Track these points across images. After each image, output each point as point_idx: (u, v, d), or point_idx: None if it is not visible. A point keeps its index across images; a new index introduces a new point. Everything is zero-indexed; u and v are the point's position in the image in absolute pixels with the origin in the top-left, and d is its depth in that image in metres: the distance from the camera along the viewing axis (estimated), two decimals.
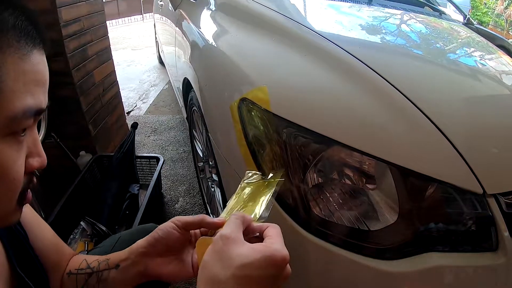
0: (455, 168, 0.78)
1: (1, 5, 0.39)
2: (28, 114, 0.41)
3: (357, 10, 1.59)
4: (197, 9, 1.82)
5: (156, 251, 0.63)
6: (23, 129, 0.42)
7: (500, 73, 1.23)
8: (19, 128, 0.41)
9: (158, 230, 0.63)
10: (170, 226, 0.62)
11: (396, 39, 1.36)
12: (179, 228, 0.62)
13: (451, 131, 0.81)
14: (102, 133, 2.25)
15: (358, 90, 0.89)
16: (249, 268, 0.44)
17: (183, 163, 2.51)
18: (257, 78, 0.99)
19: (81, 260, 0.72)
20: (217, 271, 0.44)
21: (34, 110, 0.41)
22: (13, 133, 0.40)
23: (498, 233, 0.78)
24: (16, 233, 0.61)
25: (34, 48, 0.42)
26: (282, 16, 1.28)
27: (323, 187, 0.83)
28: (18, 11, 0.40)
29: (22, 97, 0.40)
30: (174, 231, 0.62)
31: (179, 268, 0.63)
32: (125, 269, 0.66)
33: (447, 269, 0.76)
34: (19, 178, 0.43)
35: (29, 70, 0.41)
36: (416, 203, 0.78)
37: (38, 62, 0.42)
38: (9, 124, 0.39)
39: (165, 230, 0.62)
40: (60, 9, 1.81)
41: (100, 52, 2.30)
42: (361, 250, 0.78)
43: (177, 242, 0.62)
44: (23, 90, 0.40)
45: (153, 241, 0.63)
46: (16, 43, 0.39)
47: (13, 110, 0.39)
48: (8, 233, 0.59)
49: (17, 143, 0.42)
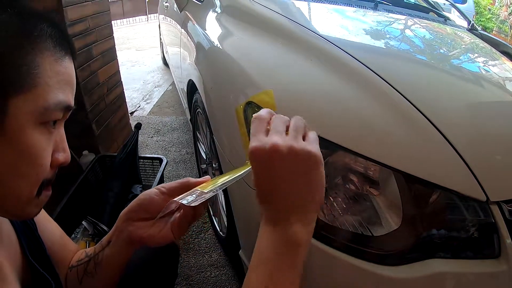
0: (458, 175, 0.78)
1: (40, 19, 0.48)
2: (59, 107, 0.48)
3: (362, 15, 1.59)
4: (203, 11, 1.83)
5: (138, 216, 0.65)
6: (54, 121, 0.49)
7: (504, 79, 1.23)
8: (50, 118, 0.47)
9: (140, 196, 0.66)
10: (153, 193, 0.65)
11: (401, 44, 1.37)
12: (162, 194, 0.64)
13: (455, 138, 0.81)
14: (105, 133, 2.25)
15: (364, 96, 0.90)
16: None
17: (186, 165, 2.52)
18: (263, 81, 0.99)
19: (81, 253, 0.74)
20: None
21: (64, 105, 0.49)
22: (45, 123, 0.47)
23: (501, 240, 0.78)
24: (28, 224, 0.64)
25: (66, 56, 0.50)
26: (287, 19, 1.28)
27: (327, 192, 0.83)
28: (53, 25, 0.49)
29: (55, 92, 0.47)
30: (155, 197, 0.64)
31: (159, 231, 0.64)
32: (114, 242, 0.68)
33: (449, 276, 0.77)
34: (46, 165, 0.49)
35: (61, 71, 0.49)
36: (419, 209, 0.78)
37: (68, 67, 0.50)
38: (43, 113, 0.46)
39: (148, 196, 0.65)
40: (66, 9, 1.82)
41: (105, 52, 2.31)
42: (364, 255, 0.78)
43: (159, 207, 0.64)
44: (56, 86, 0.47)
45: (135, 207, 0.65)
46: (53, 48, 0.48)
47: (47, 101, 0.46)
48: (21, 223, 0.63)
49: (48, 133, 0.48)
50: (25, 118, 0.44)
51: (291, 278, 0.46)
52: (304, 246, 0.47)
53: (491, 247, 0.79)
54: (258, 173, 0.49)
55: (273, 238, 0.47)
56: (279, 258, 0.46)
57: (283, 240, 0.47)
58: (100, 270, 0.70)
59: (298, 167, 0.48)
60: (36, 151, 0.47)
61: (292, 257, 0.47)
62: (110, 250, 0.69)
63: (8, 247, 0.57)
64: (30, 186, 0.48)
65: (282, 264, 0.46)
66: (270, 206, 0.49)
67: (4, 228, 0.58)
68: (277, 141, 0.47)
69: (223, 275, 1.59)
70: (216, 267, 1.64)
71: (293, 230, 0.47)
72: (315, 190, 0.49)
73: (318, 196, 0.49)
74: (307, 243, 0.48)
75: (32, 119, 0.45)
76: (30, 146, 0.46)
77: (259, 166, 0.49)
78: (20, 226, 0.62)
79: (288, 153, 0.47)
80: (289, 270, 0.46)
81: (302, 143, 0.49)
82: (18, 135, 0.44)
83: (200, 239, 1.82)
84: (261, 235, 0.49)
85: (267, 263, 0.47)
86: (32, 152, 0.46)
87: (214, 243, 1.78)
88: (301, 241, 0.47)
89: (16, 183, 0.47)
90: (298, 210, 0.48)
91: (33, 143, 0.46)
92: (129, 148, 1.91)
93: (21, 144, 0.45)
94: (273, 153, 0.47)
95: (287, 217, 0.48)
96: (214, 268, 1.63)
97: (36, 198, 0.50)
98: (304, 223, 0.48)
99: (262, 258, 0.47)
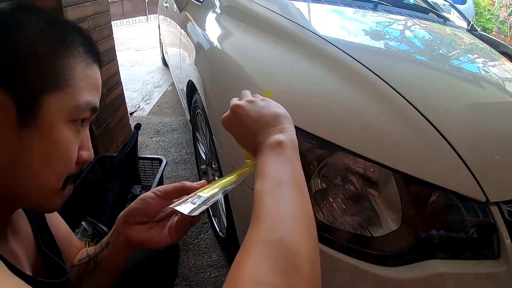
0: (458, 176, 0.79)
1: (73, 29, 0.54)
2: (87, 107, 0.53)
3: (362, 15, 1.59)
4: (203, 12, 1.83)
5: (135, 219, 0.67)
6: (82, 120, 0.54)
7: (503, 80, 1.23)
8: (79, 117, 0.52)
9: (138, 199, 0.68)
10: (149, 196, 0.67)
11: (400, 45, 1.37)
12: (158, 197, 0.67)
13: (454, 138, 0.81)
14: (105, 133, 2.25)
15: (363, 96, 0.90)
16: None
17: (186, 165, 2.52)
18: (262, 82, 0.99)
19: (83, 252, 0.77)
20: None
21: (91, 106, 0.54)
22: (74, 121, 0.52)
23: (500, 240, 0.78)
24: (41, 216, 0.68)
25: (95, 63, 0.56)
26: (287, 20, 1.28)
27: (327, 192, 0.83)
28: (84, 35, 0.56)
29: (84, 93, 0.52)
30: (152, 201, 0.67)
31: (157, 234, 0.66)
32: (112, 244, 0.70)
33: (448, 276, 0.77)
34: (73, 159, 0.53)
35: (91, 76, 0.54)
36: (419, 210, 0.78)
37: (96, 73, 0.56)
38: (73, 111, 0.51)
39: (144, 200, 0.67)
40: (66, 9, 1.82)
41: (105, 52, 2.31)
42: (363, 256, 0.78)
43: (155, 211, 0.67)
44: (86, 89, 0.53)
45: (132, 211, 0.67)
46: (84, 54, 0.54)
47: (78, 101, 0.51)
48: (36, 216, 0.66)
49: (76, 130, 0.53)
50: (57, 114, 0.49)
51: (288, 171, 0.51)
52: (285, 143, 0.54)
53: (491, 247, 0.79)
54: (230, 131, 0.64)
55: (261, 155, 0.54)
56: (272, 159, 0.52)
57: (268, 148, 0.54)
58: (99, 271, 0.71)
59: (245, 111, 0.60)
60: (65, 145, 0.51)
61: (281, 154, 0.53)
62: (108, 251, 0.71)
63: (24, 239, 0.61)
64: (57, 179, 0.52)
65: (277, 162, 0.52)
66: (250, 143, 0.60)
67: (21, 221, 0.62)
68: (232, 102, 0.62)
69: (223, 276, 1.59)
70: (216, 267, 1.64)
71: (272, 138, 0.55)
72: (266, 115, 0.59)
73: (273, 114, 0.59)
74: (288, 142, 0.54)
75: (63, 116, 0.50)
76: (60, 140, 0.50)
77: (229, 128, 0.63)
78: (34, 218, 0.65)
79: (230, 112, 0.62)
80: (285, 165, 0.51)
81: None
82: (51, 129, 0.49)
83: (199, 239, 1.82)
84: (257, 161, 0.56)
85: (267, 170, 0.51)
86: (62, 146, 0.51)
87: (213, 244, 1.78)
88: (282, 140, 0.54)
89: (45, 175, 0.51)
90: (267, 129, 0.57)
91: (63, 138, 0.51)
92: (129, 148, 1.91)
93: (52, 137, 0.49)
94: (231, 111, 0.61)
95: (264, 137, 0.56)
96: (214, 269, 1.63)
97: (61, 191, 0.54)
98: (277, 133, 0.56)
99: (263, 171, 0.52)
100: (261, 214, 0.44)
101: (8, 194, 0.50)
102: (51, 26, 0.51)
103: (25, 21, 0.49)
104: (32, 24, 0.49)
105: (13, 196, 0.51)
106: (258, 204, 0.46)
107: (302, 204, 0.47)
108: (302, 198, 0.48)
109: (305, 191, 0.50)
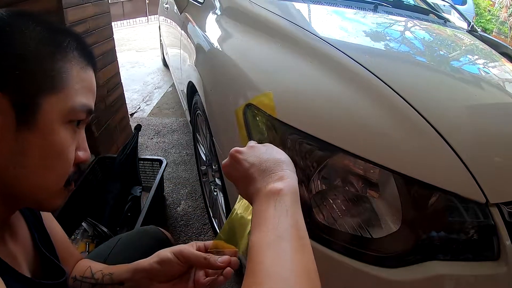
0: (458, 177, 0.79)
1: (68, 33, 0.56)
2: (83, 109, 0.55)
3: (362, 16, 1.59)
4: (203, 13, 1.83)
5: (158, 279, 0.70)
6: (78, 122, 0.55)
7: (504, 81, 1.23)
8: (75, 117, 0.54)
9: (163, 257, 0.69)
10: (175, 261, 0.68)
11: (400, 46, 1.37)
12: (183, 263, 0.68)
13: (454, 140, 0.81)
14: (105, 134, 2.25)
15: (363, 98, 0.90)
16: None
17: (186, 166, 2.52)
18: (262, 84, 0.99)
19: (86, 267, 0.77)
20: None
21: (87, 108, 0.56)
22: (71, 122, 0.54)
23: (500, 242, 0.78)
24: (37, 215, 0.69)
25: (89, 65, 0.58)
26: (287, 21, 1.28)
27: (327, 194, 0.84)
28: (78, 40, 0.57)
29: (79, 95, 0.54)
30: (176, 265, 0.69)
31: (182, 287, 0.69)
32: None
33: (448, 278, 0.77)
34: (71, 160, 0.55)
35: (86, 78, 0.56)
36: (419, 212, 0.78)
37: (91, 75, 0.58)
38: (70, 112, 0.53)
39: (168, 264, 0.69)
40: (66, 10, 1.81)
41: (105, 53, 2.31)
42: (363, 257, 0.79)
43: (179, 272, 0.69)
44: (81, 91, 0.55)
45: (156, 269, 0.69)
46: (79, 58, 0.56)
47: (74, 102, 0.53)
48: (32, 217, 0.67)
49: (73, 131, 0.55)
50: (54, 114, 0.51)
51: (288, 222, 0.48)
52: (285, 191, 0.52)
53: (491, 249, 0.79)
54: (230, 177, 0.63)
55: (259, 203, 0.53)
56: (270, 208, 0.50)
57: (266, 196, 0.52)
58: None
59: (245, 155, 0.60)
60: (63, 145, 0.53)
61: (280, 202, 0.51)
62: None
63: (21, 239, 0.61)
64: (58, 179, 0.54)
65: (275, 211, 0.50)
66: (248, 190, 0.57)
67: (18, 221, 0.63)
68: (232, 150, 0.62)
69: None
70: None
71: (271, 185, 0.53)
72: (265, 161, 0.58)
73: (272, 161, 0.58)
74: (288, 189, 0.52)
75: (60, 117, 0.52)
76: (58, 140, 0.52)
77: (228, 175, 0.63)
78: (31, 218, 0.66)
79: (230, 157, 0.61)
80: (284, 215, 0.49)
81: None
82: (49, 129, 0.51)
83: (199, 241, 1.81)
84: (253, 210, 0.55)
85: (264, 220, 0.49)
86: (59, 146, 0.52)
87: None
88: (281, 187, 0.52)
89: (45, 174, 0.52)
90: (266, 175, 0.56)
91: (60, 138, 0.52)
92: (129, 149, 1.91)
93: (50, 138, 0.51)
94: (230, 156, 0.61)
95: (262, 184, 0.55)
96: None
97: (62, 191, 0.56)
98: (276, 180, 0.54)
99: (259, 221, 0.50)
100: (257, 270, 0.42)
101: (10, 193, 0.52)
102: (48, 31, 0.53)
103: (22, 26, 0.51)
104: (29, 29, 0.51)
105: (15, 195, 0.52)
106: (254, 259, 0.44)
107: (303, 259, 0.44)
108: (302, 252, 0.45)
109: (306, 243, 0.47)
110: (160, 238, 0.97)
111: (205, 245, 0.73)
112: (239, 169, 0.59)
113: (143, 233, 0.98)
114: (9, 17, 0.51)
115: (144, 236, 0.97)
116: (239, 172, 0.59)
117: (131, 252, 0.89)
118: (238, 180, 0.60)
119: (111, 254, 0.89)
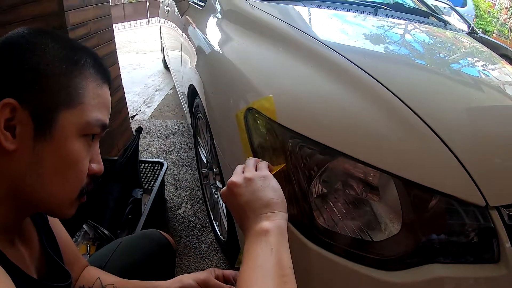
0: (458, 180, 0.79)
1: (85, 52, 0.59)
2: (97, 124, 0.57)
3: (362, 20, 1.60)
4: (204, 16, 1.84)
5: None
6: (92, 136, 0.58)
7: (503, 83, 1.23)
8: (90, 132, 0.57)
9: (183, 287, 0.79)
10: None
11: (400, 49, 1.37)
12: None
13: (454, 143, 0.82)
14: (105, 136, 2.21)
15: (363, 101, 0.90)
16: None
17: (187, 169, 2.52)
18: (263, 87, 1.00)
19: (95, 277, 0.79)
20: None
21: (101, 123, 0.58)
22: (85, 136, 0.56)
23: (500, 245, 0.78)
24: (44, 217, 0.71)
25: (105, 83, 0.61)
26: (288, 25, 1.29)
27: (327, 197, 0.84)
28: (95, 58, 0.60)
29: (95, 110, 0.57)
30: None
31: None
32: None
33: (448, 280, 0.77)
34: (84, 171, 0.57)
35: (101, 95, 0.59)
36: (419, 215, 0.78)
37: (106, 92, 0.61)
38: (85, 127, 0.55)
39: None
40: (68, 13, 1.82)
41: (106, 56, 2.31)
42: (364, 260, 0.79)
43: None
44: (96, 107, 0.57)
45: None
46: (95, 75, 0.59)
47: (89, 117, 0.56)
48: (40, 220, 0.69)
49: (87, 145, 0.57)
50: (70, 128, 0.54)
51: (272, 260, 0.54)
52: (271, 232, 0.57)
53: (491, 251, 0.79)
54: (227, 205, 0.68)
55: (248, 240, 0.59)
56: (256, 248, 0.56)
57: (254, 236, 0.58)
58: None
59: (240, 190, 0.65)
60: (77, 157, 0.55)
61: (266, 242, 0.56)
62: None
63: (30, 242, 0.63)
64: (72, 189, 0.57)
65: (261, 251, 0.55)
66: (242, 222, 0.64)
67: (27, 224, 0.64)
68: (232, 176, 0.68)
69: None
70: None
71: (259, 225, 0.59)
72: (258, 199, 0.63)
73: (264, 201, 0.63)
74: (275, 229, 0.58)
75: (76, 130, 0.54)
76: (72, 152, 0.54)
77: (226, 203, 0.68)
78: (38, 220, 0.68)
79: (227, 189, 0.67)
80: (270, 254, 0.54)
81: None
82: (64, 142, 0.53)
83: (200, 243, 1.82)
84: (244, 246, 0.60)
85: (252, 258, 0.55)
86: (74, 157, 0.55)
87: (214, 247, 1.79)
88: (268, 228, 0.58)
89: (59, 184, 0.55)
90: (257, 215, 0.61)
91: (75, 151, 0.55)
92: (130, 152, 1.92)
93: (65, 149, 0.54)
94: (227, 188, 0.67)
95: (252, 222, 0.61)
96: None
97: (75, 201, 0.58)
98: (265, 219, 0.60)
99: (247, 258, 0.56)
100: None
101: (25, 200, 0.54)
102: (66, 49, 0.56)
103: (42, 44, 0.53)
104: (49, 47, 0.54)
105: (29, 202, 0.54)
106: None
107: None
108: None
109: (288, 279, 0.52)
110: (162, 242, 0.97)
111: (223, 274, 0.80)
112: (233, 202, 0.65)
113: (144, 237, 0.98)
114: (29, 35, 0.54)
115: (145, 240, 0.97)
116: (233, 205, 0.65)
117: (132, 256, 0.90)
118: (234, 211, 0.66)
119: (112, 258, 0.89)
